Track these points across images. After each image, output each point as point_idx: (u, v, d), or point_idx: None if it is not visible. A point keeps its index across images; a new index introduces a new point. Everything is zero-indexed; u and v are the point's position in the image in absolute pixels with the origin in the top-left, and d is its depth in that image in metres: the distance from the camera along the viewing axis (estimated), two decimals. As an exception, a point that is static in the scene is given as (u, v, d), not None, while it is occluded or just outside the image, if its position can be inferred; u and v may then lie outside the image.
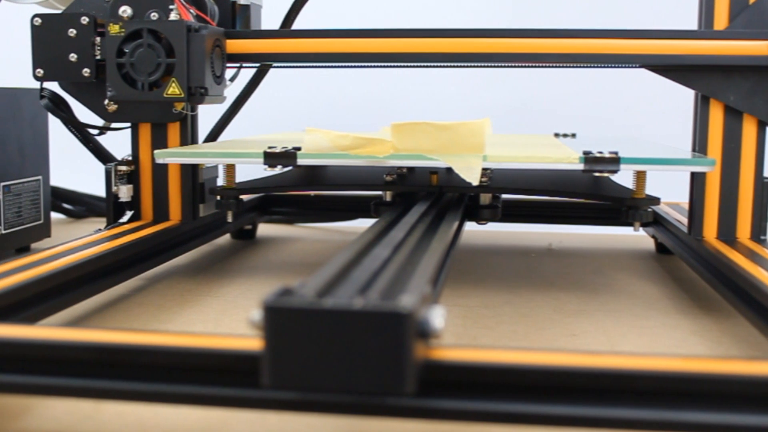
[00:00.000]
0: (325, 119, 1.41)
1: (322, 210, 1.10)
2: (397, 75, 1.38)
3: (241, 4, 0.85)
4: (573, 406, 0.39)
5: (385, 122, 0.96)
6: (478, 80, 1.39)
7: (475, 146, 0.68)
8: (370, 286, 0.42)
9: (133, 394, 0.43)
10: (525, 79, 1.38)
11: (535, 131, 1.15)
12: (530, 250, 1.01)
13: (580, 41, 0.77)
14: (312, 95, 1.44)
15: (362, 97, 1.44)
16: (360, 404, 0.39)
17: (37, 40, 0.79)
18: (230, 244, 1.03)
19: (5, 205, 0.90)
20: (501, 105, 1.41)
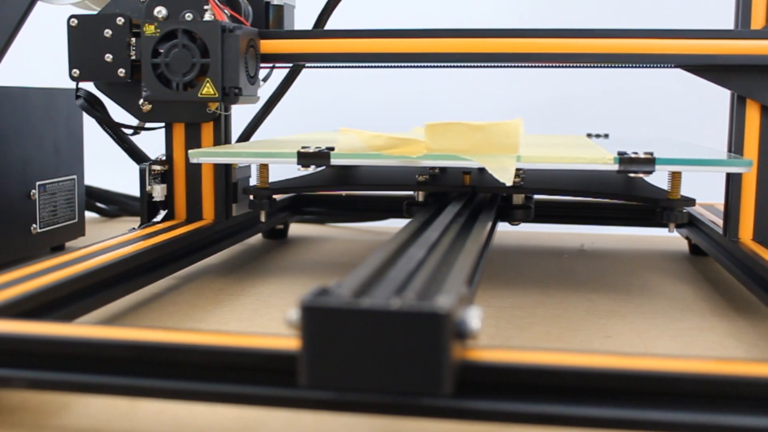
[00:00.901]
0: (357, 119, 1.41)
1: (354, 210, 1.10)
2: (427, 75, 1.38)
3: (275, 5, 0.86)
4: (609, 409, 0.39)
5: (417, 122, 0.96)
6: (508, 80, 1.39)
7: (509, 147, 0.68)
8: (406, 287, 0.42)
9: (169, 393, 0.43)
10: (555, 79, 1.37)
11: (567, 132, 1.15)
12: (562, 250, 1.01)
13: (615, 41, 0.77)
14: (343, 95, 1.44)
15: (393, 97, 1.44)
16: (396, 404, 0.39)
17: (73, 41, 0.80)
18: (262, 244, 1.03)
19: (41, 204, 0.91)
20: (531, 105, 1.40)
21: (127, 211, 1.23)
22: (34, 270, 0.60)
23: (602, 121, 1.25)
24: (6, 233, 0.85)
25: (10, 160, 0.85)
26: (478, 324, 0.38)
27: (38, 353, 0.45)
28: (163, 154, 0.83)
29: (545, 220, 1.03)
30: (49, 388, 0.45)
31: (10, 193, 0.86)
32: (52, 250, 0.96)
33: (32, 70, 1.23)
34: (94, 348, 0.44)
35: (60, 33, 0.83)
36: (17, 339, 0.45)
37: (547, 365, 0.39)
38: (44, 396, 0.51)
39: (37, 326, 0.46)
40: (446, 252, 0.54)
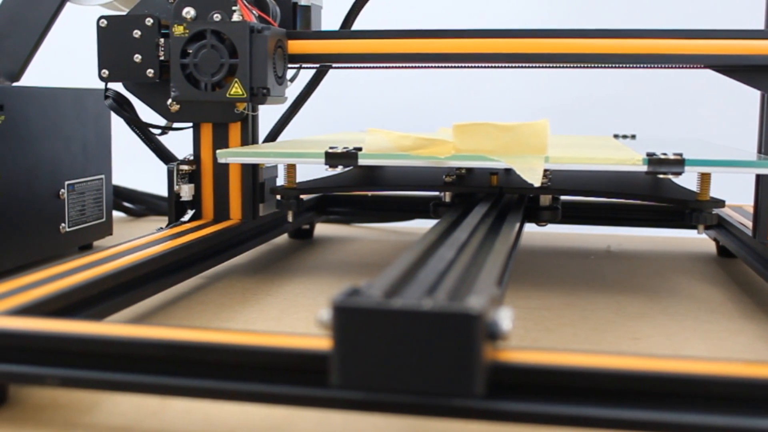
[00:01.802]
0: (381, 119, 1.41)
1: (379, 210, 1.10)
2: (451, 75, 1.38)
3: (302, 5, 0.86)
4: (640, 411, 0.39)
5: (441, 123, 0.96)
6: (532, 80, 1.39)
7: (538, 147, 0.67)
8: (437, 287, 0.42)
9: (199, 391, 0.44)
10: (581, 79, 1.37)
11: (593, 132, 1.14)
12: (589, 252, 1.01)
13: (643, 41, 0.76)
14: (368, 95, 1.44)
15: (418, 97, 1.44)
16: (427, 405, 0.39)
17: (102, 42, 0.81)
18: (288, 244, 1.03)
19: (69, 203, 0.91)
20: (557, 105, 1.40)
21: (154, 211, 1.24)
22: (64, 269, 0.61)
23: (629, 122, 1.24)
24: (35, 232, 0.86)
25: (40, 160, 0.86)
26: (509, 325, 0.38)
27: (70, 351, 0.46)
28: (191, 154, 0.84)
29: (571, 221, 1.03)
30: (81, 386, 0.45)
31: (40, 193, 0.86)
32: (80, 249, 0.96)
33: (60, 70, 1.23)
34: (126, 346, 0.44)
35: (87, 34, 0.84)
36: (49, 337, 0.45)
37: (578, 367, 0.39)
38: (75, 394, 0.51)
39: (69, 325, 0.46)
40: (475, 253, 0.54)
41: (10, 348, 0.46)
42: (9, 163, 0.81)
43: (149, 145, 0.89)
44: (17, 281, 0.57)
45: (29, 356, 0.46)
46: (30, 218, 0.85)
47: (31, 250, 0.86)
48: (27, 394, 0.51)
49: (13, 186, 0.82)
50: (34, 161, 0.85)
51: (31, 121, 0.85)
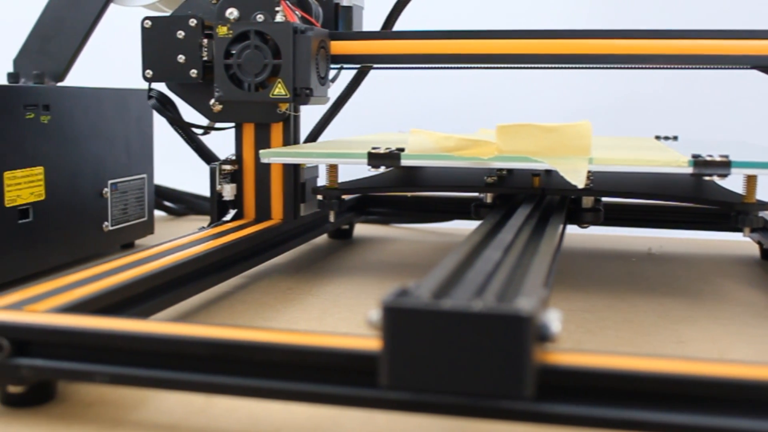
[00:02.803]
0: (420, 120, 1.41)
1: (418, 211, 1.10)
2: (490, 76, 1.37)
3: (344, 6, 0.86)
4: (688, 415, 0.39)
5: (480, 123, 0.95)
6: (571, 80, 1.38)
7: (581, 148, 0.67)
8: (485, 288, 0.42)
9: (246, 390, 0.44)
10: (621, 80, 1.36)
11: (633, 134, 1.13)
12: (630, 254, 1.00)
13: (689, 42, 0.76)
14: (406, 96, 1.44)
15: (457, 97, 1.44)
16: (476, 407, 0.39)
17: (146, 42, 0.81)
18: (328, 244, 1.04)
19: (112, 202, 0.92)
20: (597, 106, 1.39)
21: (194, 210, 1.24)
22: (110, 267, 0.62)
23: (670, 124, 1.23)
24: (79, 230, 0.87)
25: (84, 159, 0.87)
26: (558, 327, 0.38)
27: (118, 349, 0.46)
28: (233, 154, 0.84)
29: (611, 222, 1.02)
30: (129, 384, 0.46)
31: (84, 192, 0.87)
32: (123, 247, 0.97)
33: (103, 70, 1.25)
34: (174, 345, 0.45)
35: (130, 35, 0.85)
36: (98, 334, 0.46)
37: (627, 370, 0.39)
38: (121, 391, 0.52)
39: (117, 322, 0.47)
40: (520, 254, 0.53)
41: (59, 345, 0.47)
42: (54, 162, 0.82)
43: (191, 145, 0.90)
44: (64, 279, 0.57)
45: (78, 353, 0.47)
46: (74, 217, 0.86)
47: (75, 248, 0.87)
48: (74, 391, 0.52)
49: (58, 185, 0.83)
50: (78, 160, 0.86)
51: (75, 121, 0.85)
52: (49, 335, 0.46)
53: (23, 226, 0.78)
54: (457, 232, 1.13)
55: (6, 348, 0.46)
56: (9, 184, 0.76)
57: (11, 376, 0.47)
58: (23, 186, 0.78)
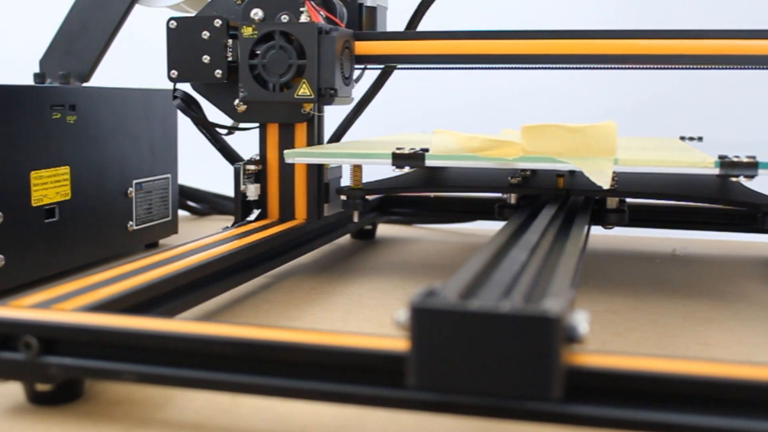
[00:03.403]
0: (443, 121, 1.41)
1: (441, 211, 1.10)
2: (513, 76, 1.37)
3: (368, 6, 0.86)
4: (716, 417, 0.38)
5: (504, 124, 0.95)
6: (594, 81, 1.37)
7: (607, 149, 0.67)
8: (512, 289, 0.42)
9: (272, 390, 0.44)
10: (645, 80, 1.35)
11: (657, 134, 1.13)
12: (653, 255, 0.99)
13: (715, 42, 0.75)
14: (428, 96, 1.44)
15: (479, 98, 1.43)
16: (503, 408, 0.39)
17: (171, 43, 0.82)
18: (350, 244, 1.04)
19: (137, 201, 0.93)
20: (620, 107, 1.38)
21: (217, 210, 1.25)
22: (136, 267, 0.62)
23: (695, 124, 1.23)
24: (104, 230, 0.87)
25: (109, 159, 0.87)
26: (586, 328, 0.38)
27: (145, 348, 0.46)
28: (257, 154, 0.85)
29: (635, 223, 1.01)
30: (157, 383, 0.46)
31: (109, 191, 0.88)
32: (147, 247, 0.98)
33: (126, 70, 1.25)
34: (201, 344, 0.45)
35: (154, 36, 0.85)
36: (125, 333, 0.46)
37: (655, 372, 0.39)
38: (148, 390, 0.52)
39: (145, 321, 0.47)
40: (546, 255, 0.53)
41: (87, 343, 0.47)
42: (80, 161, 0.83)
43: (215, 145, 0.90)
44: (91, 278, 0.58)
45: (105, 352, 0.47)
46: (99, 216, 0.86)
47: (100, 248, 0.87)
48: (102, 390, 0.52)
49: (84, 184, 0.83)
50: (103, 160, 0.87)
51: (101, 121, 0.86)
52: (77, 334, 0.47)
53: (49, 226, 0.79)
54: (480, 232, 1.13)
55: (34, 346, 0.47)
56: (36, 184, 0.77)
57: (39, 375, 0.47)
58: (49, 186, 0.78)
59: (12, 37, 1.66)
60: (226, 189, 1.24)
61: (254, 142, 0.85)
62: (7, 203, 0.73)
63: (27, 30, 1.48)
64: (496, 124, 1.02)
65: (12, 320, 0.47)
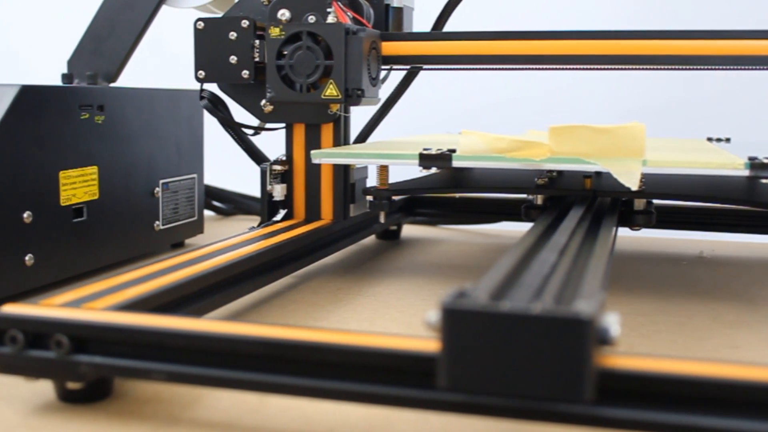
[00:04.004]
0: (467, 121, 1.41)
1: (467, 212, 1.09)
2: (538, 77, 1.37)
3: (395, 7, 0.86)
4: (748, 421, 0.38)
5: (530, 125, 0.95)
6: (620, 81, 1.37)
7: (635, 150, 0.66)
8: (542, 291, 0.42)
9: (301, 390, 0.44)
10: (671, 81, 1.35)
11: (684, 135, 1.12)
12: (680, 257, 0.99)
13: (743, 42, 0.75)
14: (452, 96, 1.44)
15: (503, 98, 1.43)
16: (534, 410, 0.39)
17: (199, 43, 0.82)
18: (375, 245, 1.04)
19: (164, 201, 0.93)
20: (646, 107, 1.38)
21: (242, 210, 1.25)
22: (164, 266, 0.62)
23: (722, 125, 1.22)
24: (131, 229, 0.88)
25: (136, 159, 0.88)
26: (618, 330, 0.38)
27: (174, 347, 0.46)
28: (284, 155, 0.85)
29: (661, 225, 1.00)
30: (186, 382, 0.46)
31: (136, 191, 0.88)
32: (173, 246, 0.98)
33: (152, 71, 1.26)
34: (230, 343, 0.45)
35: (179, 36, 0.85)
36: (155, 333, 0.46)
37: (687, 375, 0.38)
38: (176, 389, 0.52)
39: (174, 321, 0.47)
40: (575, 256, 0.53)
41: (117, 342, 0.47)
42: (108, 162, 0.83)
43: (241, 145, 0.90)
44: (120, 277, 0.58)
45: (135, 351, 0.47)
46: (126, 216, 0.87)
47: (127, 247, 0.88)
48: (130, 388, 0.52)
49: (112, 184, 0.84)
50: (131, 160, 0.87)
51: (128, 121, 0.86)
52: (108, 333, 0.47)
53: (77, 225, 0.80)
54: (504, 233, 1.13)
55: (65, 345, 0.47)
56: (64, 184, 0.77)
57: (70, 373, 0.48)
58: (78, 185, 0.79)
59: (40, 38, 1.67)
60: (250, 189, 1.24)
61: (280, 143, 0.85)
62: (36, 203, 0.74)
63: (54, 31, 1.49)
64: (522, 124, 1.02)
65: (43, 319, 0.48)
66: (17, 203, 0.72)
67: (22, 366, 0.48)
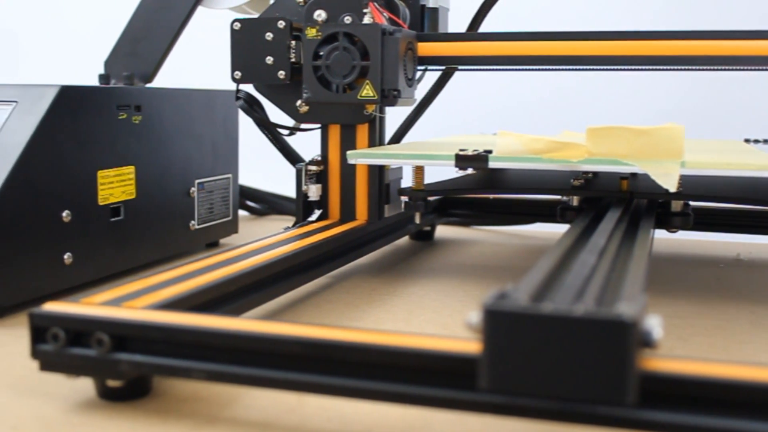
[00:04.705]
0: (501, 121, 1.40)
1: (500, 213, 1.09)
2: (572, 77, 1.36)
3: (430, 7, 0.86)
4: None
5: (564, 125, 0.94)
6: (654, 82, 1.36)
7: (674, 152, 0.66)
8: (583, 292, 0.42)
9: (339, 390, 0.44)
10: (706, 81, 1.33)
11: (720, 137, 1.11)
12: (717, 260, 0.98)
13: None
14: (485, 97, 1.43)
15: (537, 99, 1.43)
16: (576, 412, 0.38)
17: (235, 44, 0.82)
18: (409, 245, 1.04)
19: (199, 201, 0.94)
20: (680, 108, 1.36)
21: (275, 210, 1.26)
22: (201, 266, 0.63)
23: (759, 126, 1.21)
24: (167, 229, 0.89)
25: (172, 159, 0.88)
26: (660, 333, 0.38)
27: (213, 346, 0.47)
28: (319, 155, 0.85)
29: (698, 227, 1.00)
30: (225, 381, 0.46)
31: (172, 190, 0.89)
32: (208, 246, 0.99)
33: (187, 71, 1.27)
34: (269, 343, 0.45)
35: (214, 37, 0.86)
36: (195, 332, 0.47)
37: (730, 378, 0.38)
38: (214, 387, 0.53)
39: (214, 320, 0.47)
40: (614, 258, 0.53)
41: (156, 341, 0.47)
42: (144, 161, 0.84)
43: (276, 146, 0.91)
44: (159, 277, 0.58)
45: (174, 350, 0.47)
46: (163, 215, 0.88)
47: (163, 246, 0.88)
48: (169, 387, 0.53)
49: (148, 184, 0.85)
50: (167, 160, 0.88)
51: (165, 122, 0.87)
52: (148, 331, 0.47)
53: (115, 224, 0.80)
54: (538, 234, 1.12)
55: (106, 343, 0.47)
56: (102, 183, 0.78)
57: (111, 371, 0.48)
58: (115, 185, 0.80)
59: (77, 39, 1.69)
60: (282, 189, 1.25)
61: (314, 143, 0.86)
62: (75, 202, 0.75)
63: (91, 32, 1.50)
64: (556, 125, 1.01)
65: (85, 317, 0.48)
66: (57, 202, 0.73)
67: (63, 363, 0.48)
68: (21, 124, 0.70)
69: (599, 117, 1.16)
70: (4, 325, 0.68)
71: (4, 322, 0.68)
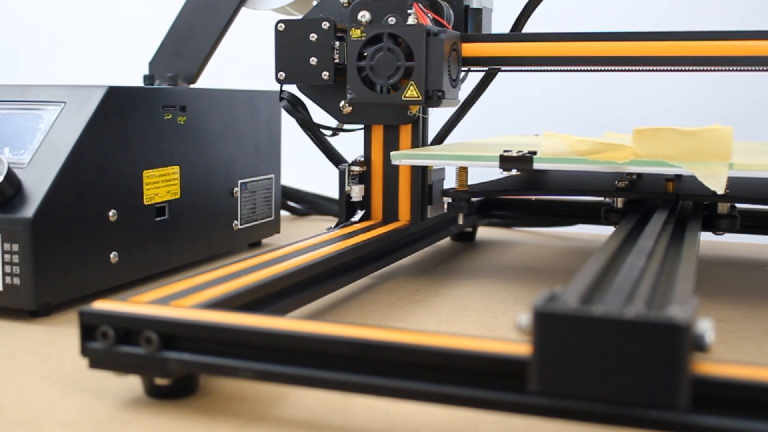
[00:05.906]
0: (543, 122, 1.40)
1: (542, 214, 1.08)
2: (616, 78, 1.35)
3: (474, 8, 0.86)
4: None
5: (608, 127, 0.94)
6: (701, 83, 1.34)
7: (722, 153, 0.65)
8: (633, 295, 0.41)
9: (386, 390, 0.44)
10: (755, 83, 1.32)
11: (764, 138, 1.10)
12: (762, 262, 0.97)
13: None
14: (527, 98, 1.43)
15: (579, 99, 1.42)
16: (627, 416, 0.38)
17: (280, 45, 0.83)
18: (451, 246, 1.04)
19: (242, 201, 0.94)
20: (726, 110, 1.35)
21: (317, 210, 1.26)
22: (247, 266, 0.63)
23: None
24: (211, 228, 0.89)
25: (216, 159, 0.89)
26: (712, 337, 0.37)
27: (260, 346, 0.47)
28: (362, 156, 0.85)
29: (745, 230, 0.98)
30: (272, 380, 0.47)
31: (216, 190, 0.89)
32: (250, 246, 0.99)
33: (231, 72, 1.28)
34: (316, 343, 0.45)
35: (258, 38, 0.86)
36: (242, 331, 0.47)
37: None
38: (260, 387, 0.53)
39: (261, 320, 0.47)
40: (662, 261, 0.52)
41: (204, 340, 0.48)
42: (189, 161, 0.85)
43: (319, 146, 0.91)
44: (205, 276, 0.59)
45: (222, 349, 0.48)
46: (206, 215, 0.88)
47: (207, 246, 0.89)
48: (215, 385, 0.53)
49: (192, 184, 0.85)
50: (211, 160, 0.88)
51: (209, 122, 0.88)
52: (196, 330, 0.48)
53: (159, 224, 0.81)
54: (579, 236, 1.12)
55: (155, 341, 0.48)
56: (147, 183, 0.79)
57: (159, 369, 0.48)
58: (161, 185, 0.80)
59: (121, 40, 1.71)
60: (323, 189, 1.25)
61: (356, 144, 0.86)
62: (121, 201, 0.75)
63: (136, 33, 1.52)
64: (599, 126, 1.01)
65: (134, 316, 0.48)
66: (103, 201, 0.73)
67: (112, 361, 0.49)
68: (69, 124, 0.71)
69: (642, 119, 1.15)
70: (52, 322, 0.68)
71: (52, 320, 0.69)
